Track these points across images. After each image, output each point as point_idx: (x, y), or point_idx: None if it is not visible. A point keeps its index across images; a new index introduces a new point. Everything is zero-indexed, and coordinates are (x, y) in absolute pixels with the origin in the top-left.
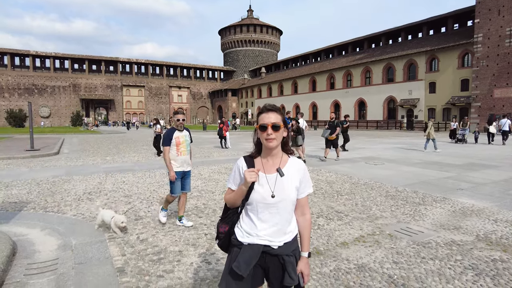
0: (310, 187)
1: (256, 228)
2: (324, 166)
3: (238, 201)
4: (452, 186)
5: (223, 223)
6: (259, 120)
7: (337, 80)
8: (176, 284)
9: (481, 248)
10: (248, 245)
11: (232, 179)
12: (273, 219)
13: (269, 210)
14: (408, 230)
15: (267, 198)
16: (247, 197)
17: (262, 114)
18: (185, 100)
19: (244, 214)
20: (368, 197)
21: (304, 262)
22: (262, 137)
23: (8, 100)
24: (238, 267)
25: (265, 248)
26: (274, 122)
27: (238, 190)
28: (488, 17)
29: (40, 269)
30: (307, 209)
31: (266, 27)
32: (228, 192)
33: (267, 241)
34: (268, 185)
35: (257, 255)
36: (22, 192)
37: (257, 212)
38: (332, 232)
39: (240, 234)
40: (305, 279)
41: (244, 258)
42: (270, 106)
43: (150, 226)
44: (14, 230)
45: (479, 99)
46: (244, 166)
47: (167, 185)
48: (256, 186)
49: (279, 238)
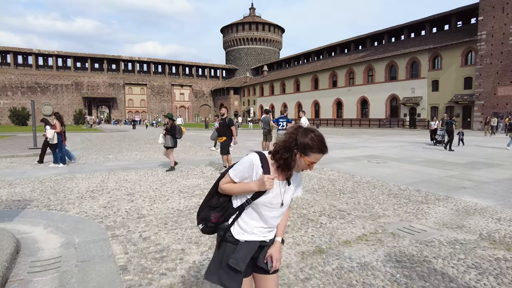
0: (300, 190)
1: (255, 227)
2: (327, 165)
3: (237, 194)
4: (455, 185)
5: (216, 212)
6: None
7: (339, 78)
8: (179, 282)
9: (485, 247)
10: (245, 242)
11: (240, 172)
12: (274, 221)
13: (272, 213)
14: (410, 229)
15: (275, 204)
16: (254, 198)
17: (319, 154)
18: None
19: (244, 213)
20: (371, 196)
21: (276, 247)
22: (304, 165)
23: (11, 98)
24: (236, 264)
25: (260, 242)
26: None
27: (244, 186)
28: (492, 14)
29: (44, 266)
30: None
31: (268, 25)
32: (228, 181)
33: (263, 237)
34: (280, 193)
35: (254, 251)
36: (25, 190)
37: (260, 213)
38: (335, 230)
39: (237, 232)
40: (274, 264)
41: (241, 255)
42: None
43: (153, 224)
44: (18, 228)
45: (482, 97)
46: (259, 166)
47: (169, 183)
48: (268, 192)
49: (271, 233)
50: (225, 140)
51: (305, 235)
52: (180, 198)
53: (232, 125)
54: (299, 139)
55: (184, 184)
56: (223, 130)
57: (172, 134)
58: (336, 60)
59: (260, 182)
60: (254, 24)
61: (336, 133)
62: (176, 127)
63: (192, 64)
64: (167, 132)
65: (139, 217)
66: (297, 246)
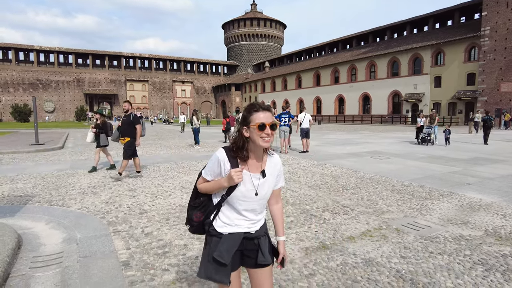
0: (283, 180)
1: (235, 220)
2: (329, 161)
3: (213, 192)
4: (458, 181)
5: (197, 211)
6: (254, 119)
7: (341, 74)
8: (182, 278)
9: (490, 243)
10: (228, 234)
11: (209, 170)
12: (253, 213)
13: (249, 205)
14: (415, 225)
15: (249, 195)
16: (228, 193)
17: (257, 113)
18: (189, 95)
19: (223, 207)
20: (374, 192)
21: (282, 246)
22: (257, 135)
23: (13, 95)
24: (220, 256)
25: (244, 234)
26: (272, 121)
27: (216, 183)
28: (496, 9)
29: (45, 262)
30: (279, 199)
31: (270, 21)
32: (202, 181)
33: (246, 228)
34: (252, 184)
35: (238, 243)
36: (27, 186)
37: (237, 206)
38: (338, 226)
39: (219, 225)
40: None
41: (225, 247)
42: (265, 105)
43: (155, 220)
44: (20, 223)
45: (485, 93)
46: (226, 160)
47: (171, 179)
48: (239, 184)
49: (256, 224)
50: (129, 141)
51: (309, 230)
52: (182, 193)
53: (138, 123)
54: (240, 120)
55: (186, 180)
56: (127, 129)
57: (104, 131)
58: (338, 56)
59: (228, 177)
60: (256, 20)
61: (338, 129)
62: (107, 124)
63: (193, 61)
64: (100, 131)
65: (141, 212)
66: (301, 241)
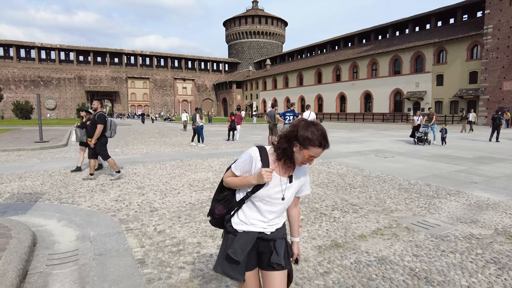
0: (308, 188)
1: (253, 219)
2: (334, 159)
3: (239, 187)
4: (464, 180)
5: (219, 204)
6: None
7: (343, 72)
8: (198, 276)
9: (501, 242)
10: (243, 232)
11: (240, 165)
12: (273, 215)
13: (272, 207)
14: (424, 223)
15: (275, 198)
16: (253, 191)
17: (318, 149)
18: (190, 92)
19: (244, 205)
20: (381, 190)
21: (297, 246)
22: (302, 159)
23: (15, 92)
24: (234, 253)
25: (259, 234)
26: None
27: (244, 179)
28: (499, 7)
29: (62, 259)
30: (298, 203)
31: (271, 18)
32: (230, 175)
33: (261, 228)
34: (281, 187)
35: (252, 241)
36: (36, 183)
37: (260, 206)
38: (349, 224)
39: (236, 222)
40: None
41: (239, 244)
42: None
43: (166, 218)
44: (32, 221)
45: (487, 92)
46: (258, 159)
47: (178, 177)
48: (267, 185)
49: (272, 226)
50: (97, 142)
51: (320, 229)
52: (191, 191)
53: (100, 123)
54: (299, 132)
55: (193, 178)
56: (93, 128)
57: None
58: (340, 54)
59: (258, 175)
60: (257, 17)
61: (340, 127)
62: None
63: (194, 58)
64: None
65: (151, 210)
66: (313, 240)
